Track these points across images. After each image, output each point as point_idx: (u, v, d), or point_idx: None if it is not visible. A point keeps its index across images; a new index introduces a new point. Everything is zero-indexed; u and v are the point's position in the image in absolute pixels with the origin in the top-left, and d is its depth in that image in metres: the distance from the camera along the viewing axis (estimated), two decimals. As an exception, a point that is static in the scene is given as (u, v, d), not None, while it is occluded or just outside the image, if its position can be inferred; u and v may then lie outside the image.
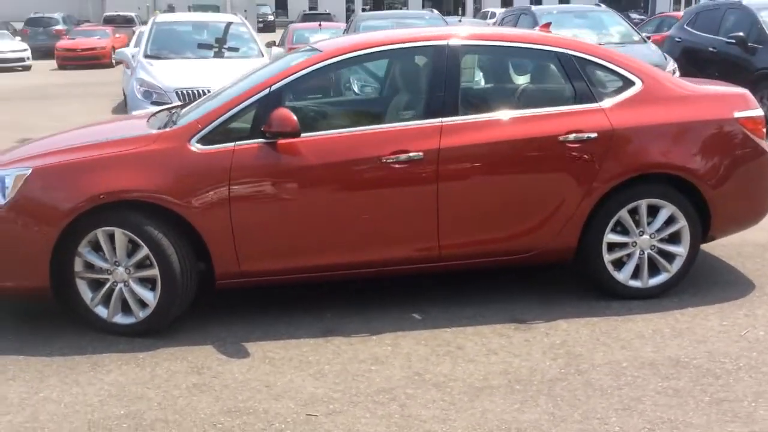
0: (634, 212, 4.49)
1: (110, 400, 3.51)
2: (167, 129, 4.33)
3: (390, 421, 3.30)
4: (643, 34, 11.46)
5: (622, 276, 4.56)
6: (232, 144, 4.15)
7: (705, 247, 5.48)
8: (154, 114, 5.09)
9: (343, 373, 3.74)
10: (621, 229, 4.51)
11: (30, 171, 4.11)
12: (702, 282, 4.85)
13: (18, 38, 29.21)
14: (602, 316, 4.35)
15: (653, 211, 4.50)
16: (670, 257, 4.59)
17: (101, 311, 4.19)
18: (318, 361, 3.87)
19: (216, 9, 48.53)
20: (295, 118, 4.04)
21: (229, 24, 10.56)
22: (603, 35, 11.24)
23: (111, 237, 4.09)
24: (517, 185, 4.39)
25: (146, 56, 9.73)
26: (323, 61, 4.40)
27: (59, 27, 31.85)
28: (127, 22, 33.03)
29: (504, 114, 4.45)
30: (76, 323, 4.25)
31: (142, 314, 4.16)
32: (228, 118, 4.21)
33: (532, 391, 3.54)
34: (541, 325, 4.26)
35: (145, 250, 4.06)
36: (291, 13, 47.81)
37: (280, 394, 3.54)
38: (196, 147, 4.14)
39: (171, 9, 40.55)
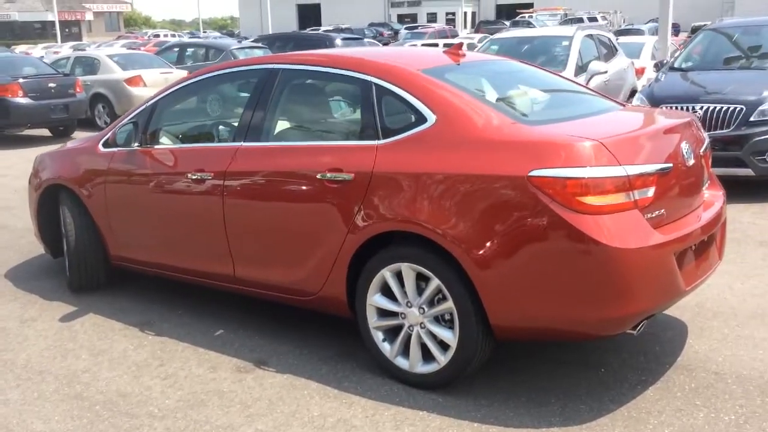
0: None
1: None
2: (99, 133, 5.30)
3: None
4: None
5: (389, 349, 3.78)
6: (117, 148, 4.93)
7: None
8: None
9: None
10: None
11: None
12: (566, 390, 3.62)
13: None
14: (329, 386, 3.76)
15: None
16: (444, 343, 3.60)
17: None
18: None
19: None
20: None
21: None
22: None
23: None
24: (286, 221, 4.03)
25: None
26: (179, 84, 4.77)
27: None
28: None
29: (292, 143, 4.15)
30: None
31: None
32: (121, 127, 4.97)
33: (56, 401, 3.71)
34: (260, 372, 3.94)
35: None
36: None
37: None
38: (101, 148, 5.05)
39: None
